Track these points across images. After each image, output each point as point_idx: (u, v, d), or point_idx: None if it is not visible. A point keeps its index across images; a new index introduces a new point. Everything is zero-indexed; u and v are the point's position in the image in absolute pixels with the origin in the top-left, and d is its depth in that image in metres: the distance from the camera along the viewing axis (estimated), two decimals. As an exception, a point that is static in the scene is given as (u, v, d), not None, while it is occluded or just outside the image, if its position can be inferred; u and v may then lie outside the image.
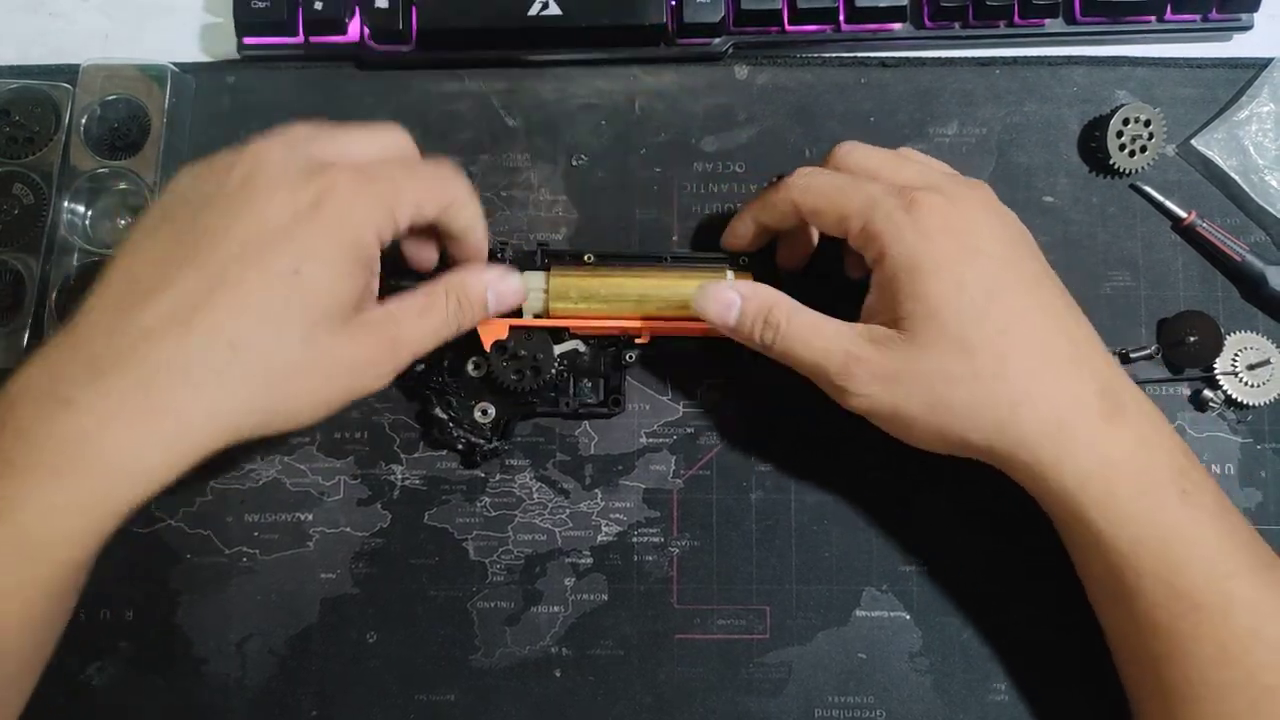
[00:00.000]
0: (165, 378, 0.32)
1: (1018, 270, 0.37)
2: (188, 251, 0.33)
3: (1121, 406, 0.36)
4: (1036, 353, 0.36)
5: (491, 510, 0.45)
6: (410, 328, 0.38)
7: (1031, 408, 0.36)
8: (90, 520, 0.32)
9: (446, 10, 0.47)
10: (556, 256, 0.45)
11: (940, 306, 0.36)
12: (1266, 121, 0.47)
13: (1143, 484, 0.35)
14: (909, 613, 0.44)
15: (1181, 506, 0.35)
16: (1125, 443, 0.35)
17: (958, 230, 0.36)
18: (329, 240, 0.34)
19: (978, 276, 0.36)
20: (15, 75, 0.48)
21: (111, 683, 0.44)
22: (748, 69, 0.48)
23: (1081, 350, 0.37)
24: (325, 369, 0.35)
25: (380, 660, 0.44)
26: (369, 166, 0.36)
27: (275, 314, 0.33)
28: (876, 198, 0.37)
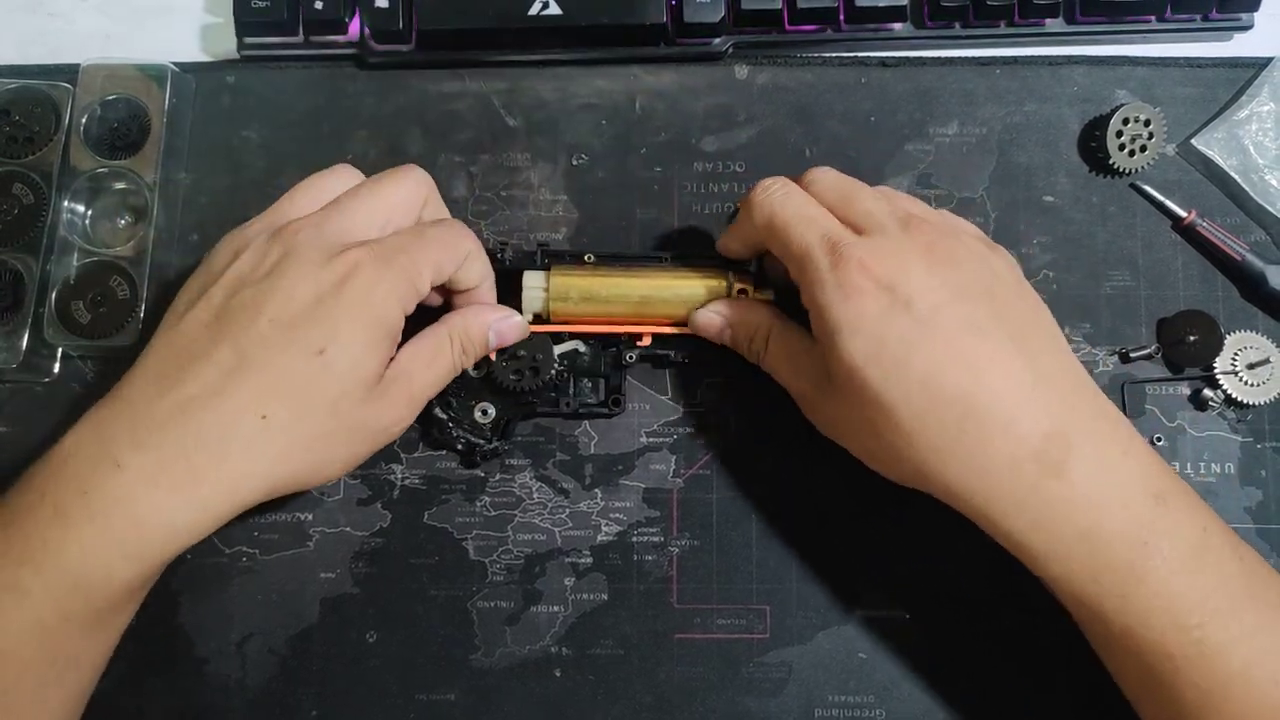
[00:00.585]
0: (201, 446, 0.34)
1: (950, 316, 0.35)
2: (224, 327, 0.36)
3: (1063, 461, 0.34)
4: (960, 404, 0.34)
5: (491, 510, 0.45)
6: (422, 378, 0.40)
7: (957, 463, 0.35)
8: (132, 569, 0.35)
9: (447, 10, 0.47)
10: (557, 257, 0.45)
11: (860, 365, 0.35)
12: (1266, 121, 0.47)
13: (1095, 542, 0.34)
14: (909, 612, 0.44)
15: (1140, 559, 0.33)
16: (1070, 499, 0.34)
17: (883, 285, 0.35)
18: (352, 320, 0.36)
19: (900, 333, 0.35)
20: (15, 75, 0.48)
21: (112, 683, 0.43)
22: (748, 69, 0.48)
23: (1021, 395, 0.35)
24: (351, 433, 0.37)
25: (380, 660, 0.44)
26: (388, 242, 0.38)
27: (300, 391, 0.36)
28: (810, 248, 0.37)
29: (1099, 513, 0.34)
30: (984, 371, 0.35)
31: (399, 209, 0.40)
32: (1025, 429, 0.34)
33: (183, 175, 0.48)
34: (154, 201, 0.46)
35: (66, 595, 0.34)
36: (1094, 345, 0.46)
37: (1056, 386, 0.35)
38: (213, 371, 0.35)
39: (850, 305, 0.36)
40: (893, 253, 0.36)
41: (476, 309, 0.42)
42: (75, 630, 0.35)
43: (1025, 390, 0.35)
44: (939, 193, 0.47)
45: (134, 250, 0.46)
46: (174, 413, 0.35)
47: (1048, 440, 0.34)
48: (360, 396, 0.37)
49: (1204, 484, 0.45)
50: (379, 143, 0.48)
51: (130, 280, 0.46)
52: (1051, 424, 0.34)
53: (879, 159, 0.47)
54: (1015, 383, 0.35)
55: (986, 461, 0.34)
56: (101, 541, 0.34)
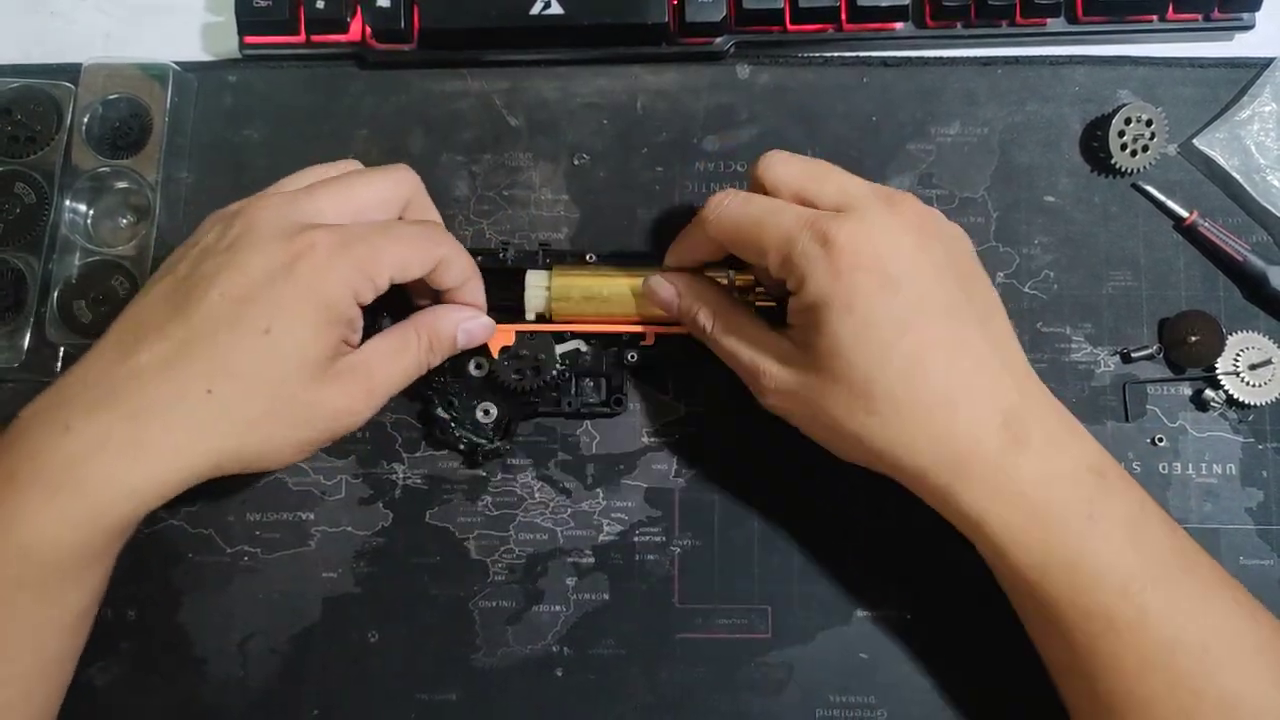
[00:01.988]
0: (149, 415, 0.35)
1: (935, 297, 0.36)
2: (181, 300, 0.36)
3: (1025, 435, 0.35)
4: (939, 387, 0.35)
5: (493, 509, 0.45)
6: (384, 372, 0.39)
7: (928, 443, 0.36)
8: (80, 534, 0.34)
9: (448, 9, 0.47)
10: (559, 256, 0.45)
11: (848, 345, 0.36)
12: (1268, 121, 0.47)
13: (1046, 515, 0.35)
14: (910, 612, 0.44)
15: (1087, 530, 0.35)
16: (1026, 473, 0.35)
17: (872, 263, 0.35)
18: (299, 301, 0.36)
19: (889, 313, 0.35)
20: (17, 74, 0.48)
21: (113, 683, 0.44)
22: (749, 68, 0.48)
23: (988, 377, 0.36)
24: (298, 416, 0.37)
25: (382, 659, 0.44)
26: (350, 229, 0.38)
27: (244, 370, 0.36)
28: (792, 233, 0.37)
29: (1052, 486, 0.35)
30: (961, 355, 0.36)
31: (374, 203, 0.39)
32: (990, 408, 0.36)
33: (184, 174, 0.48)
34: (156, 201, 0.46)
35: (15, 560, 0.34)
36: (1095, 345, 0.46)
37: (1014, 368, 0.37)
38: (165, 343, 0.35)
39: (842, 283, 0.35)
40: (882, 230, 0.36)
41: (446, 308, 0.42)
42: (29, 599, 0.35)
43: (993, 371, 0.36)
44: (940, 192, 0.47)
45: (136, 249, 0.46)
46: (126, 380, 0.35)
47: (1009, 417, 0.35)
48: (306, 379, 0.37)
49: (1205, 484, 0.45)
50: (380, 142, 0.48)
51: (132, 279, 0.46)
52: (1012, 402, 0.36)
53: (880, 159, 0.47)
54: (985, 365, 0.36)
55: (954, 440, 0.36)
56: (48, 505, 0.34)
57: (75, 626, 0.37)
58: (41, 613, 0.35)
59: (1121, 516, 0.35)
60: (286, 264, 0.36)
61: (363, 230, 0.38)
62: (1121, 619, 0.34)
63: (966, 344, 0.36)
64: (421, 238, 0.39)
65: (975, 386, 0.36)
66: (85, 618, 0.38)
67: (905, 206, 0.37)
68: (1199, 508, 0.44)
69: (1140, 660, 0.34)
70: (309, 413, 0.37)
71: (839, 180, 0.38)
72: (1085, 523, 0.35)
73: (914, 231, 0.37)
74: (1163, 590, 0.35)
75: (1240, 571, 0.44)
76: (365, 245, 0.37)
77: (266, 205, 0.38)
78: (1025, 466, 0.35)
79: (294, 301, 0.36)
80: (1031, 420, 0.36)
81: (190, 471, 0.36)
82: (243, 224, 0.37)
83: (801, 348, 0.38)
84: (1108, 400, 0.45)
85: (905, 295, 0.35)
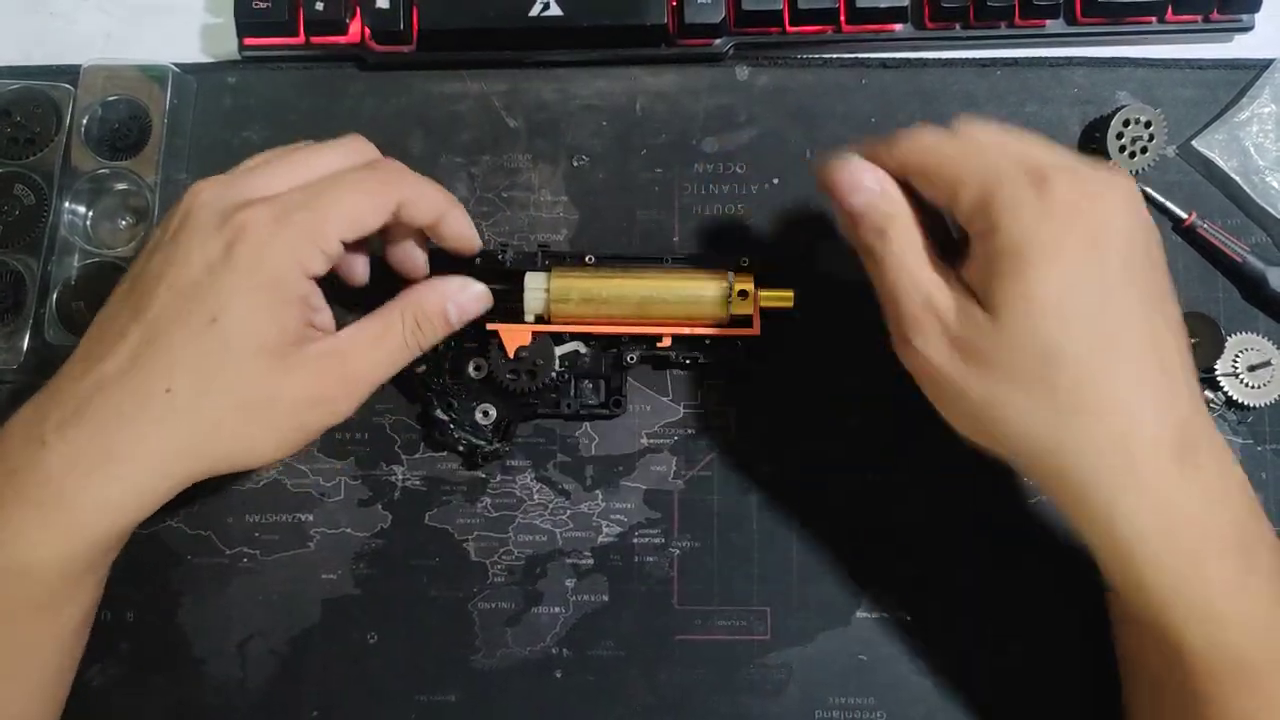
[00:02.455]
0: (116, 425, 0.34)
1: (1139, 282, 0.32)
2: (136, 300, 0.35)
3: (1194, 449, 0.32)
4: (1128, 374, 0.31)
5: (492, 511, 0.45)
6: (363, 358, 0.37)
7: (1100, 431, 0.31)
8: (65, 548, 0.34)
9: (447, 11, 0.47)
10: (558, 258, 0.45)
11: (1043, 303, 0.31)
12: (1267, 122, 0.47)
13: (1203, 548, 0.31)
14: (910, 613, 0.44)
15: (1243, 571, 0.31)
16: (1192, 494, 0.31)
17: (1088, 222, 0.31)
18: (242, 285, 0.34)
19: (1097, 280, 0.31)
20: (16, 76, 0.48)
21: (112, 684, 0.44)
22: (749, 70, 0.48)
23: (1171, 382, 0.32)
24: (263, 409, 0.35)
25: (381, 661, 0.44)
26: (286, 197, 0.35)
27: (196, 364, 0.34)
28: (1002, 168, 0.32)
29: (1215, 518, 0.32)
30: (1153, 350, 0.32)
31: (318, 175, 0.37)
32: (1171, 417, 0.32)
33: (184, 176, 0.48)
34: (155, 202, 0.46)
35: (2, 579, 0.33)
36: (1094, 347, 0.46)
37: (1188, 376, 0.33)
38: (125, 347, 0.35)
39: (1052, 231, 0.31)
40: (1103, 191, 0.32)
41: (432, 283, 0.40)
42: (22, 616, 0.34)
43: (1175, 373, 0.32)
44: (940, 194, 0.47)
45: (135, 251, 0.46)
46: (93, 392, 0.34)
47: (1185, 433, 0.32)
48: (263, 367, 0.35)
49: (1204, 485, 0.45)
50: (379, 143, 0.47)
51: (131, 281, 0.46)
52: (1187, 416, 0.32)
53: (880, 160, 0.47)
54: (1171, 368, 0.32)
55: (1129, 442, 0.31)
56: (31, 522, 0.33)
57: (71, 639, 0.37)
58: (36, 629, 0.35)
59: (1273, 567, 0.32)
60: (224, 249, 0.34)
61: (300, 195, 0.35)
62: (1266, 676, 0.31)
63: (1160, 340, 0.32)
64: (370, 180, 0.37)
65: (1159, 389, 0.32)
66: (81, 629, 0.38)
67: (1126, 185, 0.33)
68: (1198, 509, 0.44)
69: (1267, 701, 0.31)
70: (274, 404, 0.35)
71: (1052, 147, 0.34)
72: (1241, 562, 0.31)
73: (1132, 210, 0.33)
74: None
75: (1239, 573, 0.44)
76: (304, 211, 0.35)
77: (204, 189, 0.36)
78: (1192, 484, 0.31)
79: (236, 287, 0.34)
80: (1203, 442, 0.32)
81: (168, 478, 0.35)
82: (181, 213, 0.36)
83: (982, 301, 0.33)
84: (1107, 401, 0.45)
85: (1117, 266, 0.31)
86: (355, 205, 0.36)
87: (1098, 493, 0.32)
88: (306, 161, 0.37)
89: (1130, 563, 0.32)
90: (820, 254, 0.46)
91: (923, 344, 0.34)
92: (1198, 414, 0.33)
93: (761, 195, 0.47)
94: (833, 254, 0.47)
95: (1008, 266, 0.32)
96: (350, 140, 0.39)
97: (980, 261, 0.33)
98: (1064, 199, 0.31)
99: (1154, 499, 0.31)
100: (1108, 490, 0.31)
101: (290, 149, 0.39)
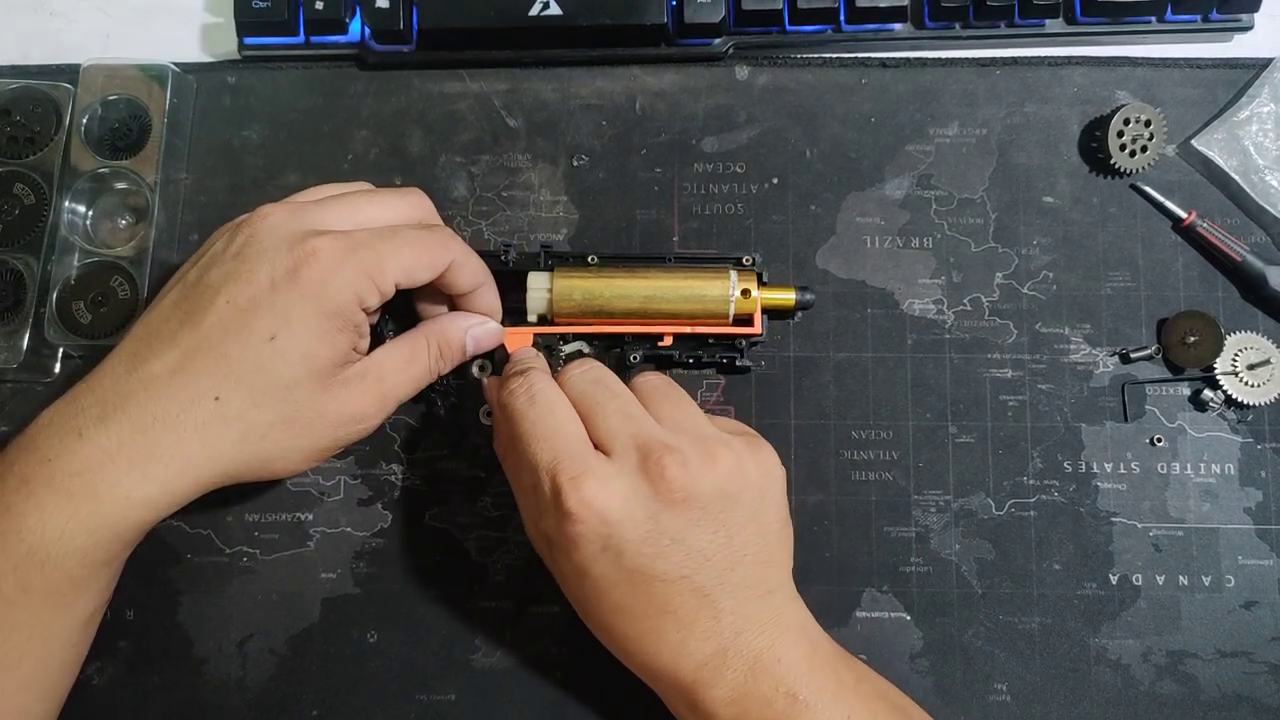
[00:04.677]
0: (159, 425, 0.35)
1: (654, 566, 0.36)
2: (190, 309, 0.37)
3: (720, 673, 0.36)
4: (640, 632, 0.37)
5: (492, 510, 0.45)
6: (395, 378, 0.40)
7: (632, 665, 0.38)
8: (89, 539, 0.35)
9: (447, 10, 0.47)
10: (560, 258, 0.45)
11: (565, 578, 0.38)
12: (1267, 122, 0.47)
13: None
14: (909, 613, 0.44)
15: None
16: (718, 701, 0.36)
17: (594, 532, 0.35)
18: (304, 308, 0.36)
19: (602, 572, 0.36)
20: (16, 75, 0.48)
21: (112, 683, 0.44)
22: (748, 69, 0.49)
23: (692, 629, 0.36)
24: (307, 424, 0.37)
25: (381, 660, 0.44)
26: (354, 235, 0.38)
27: (250, 377, 0.36)
28: (539, 472, 0.36)
29: (738, 710, 0.36)
30: (672, 610, 0.36)
31: (381, 220, 0.40)
32: (690, 652, 0.36)
33: (183, 175, 0.48)
34: (155, 201, 0.46)
35: (23, 563, 0.34)
36: (1094, 346, 0.46)
37: (740, 609, 0.37)
38: (174, 351, 0.36)
39: (564, 539, 0.36)
40: (619, 494, 0.35)
41: (454, 316, 0.42)
42: (35, 604, 0.35)
43: (705, 621, 0.36)
44: (939, 193, 0.47)
45: (135, 250, 0.46)
46: (137, 390, 0.36)
47: (707, 660, 0.36)
48: (313, 386, 0.37)
49: (1204, 485, 0.45)
50: (379, 143, 0.48)
51: (131, 280, 0.46)
52: (716, 645, 0.36)
53: (879, 160, 0.47)
54: (698, 616, 0.36)
55: (656, 669, 0.37)
56: (60, 509, 0.34)
57: (83, 630, 0.38)
58: (51, 616, 0.36)
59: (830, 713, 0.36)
60: (290, 271, 0.36)
61: (367, 236, 0.38)
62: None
63: (675, 603, 0.36)
64: (429, 241, 0.39)
65: (677, 634, 0.36)
66: (92, 622, 0.38)
67: (659, 471, 0.36)
68: (1198, 508, 0.45)
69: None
70: (318, 420, 0.38)
71: (609, 420, 0.37)
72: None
73: (657, 499, 0.36)
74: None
75: (1239, 571, 0.44)
76: (369, 250, 0.37)
77: (272, 213, 0.38)
78: (717, 694, 0.36)
79: (298, 309, 0.36)
80: (734, 657, 0.36)
81: (201, 480, 0.36)
82: (248, 231, 0.38)
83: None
84: (1106, 401, 0.45)
85: (620, 561, 0.36)
86: (414, 259, 0.39)
87: (671, 709, 0.38)
88: (371, 207, 0.40)
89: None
90: (820, 254, 0.47)
91: (529, 534, 0.40)
92: (737, 638, 0.36)
93: (761, 195, 0.47)
94: (833, 253, 0.47)
95: (545, 539, 0.38)
96: (411, 194, 0.42)
97: (539, 522, 0.38)
98: (574, 515, 0.35)
99: (686, 710, 0.37)
100: (677, 710, 0.38)
101: (352, 189, 0.42)
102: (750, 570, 0.37)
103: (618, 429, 0.37)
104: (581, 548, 0.36)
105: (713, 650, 0.36)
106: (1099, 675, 0.43)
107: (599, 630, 0.38)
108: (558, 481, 0.36)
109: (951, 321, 0.46)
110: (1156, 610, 0.44)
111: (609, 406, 0.38)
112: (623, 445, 0.37)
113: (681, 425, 0.38)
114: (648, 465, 0.36)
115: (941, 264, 0.46)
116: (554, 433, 0.37)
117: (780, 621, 0.37)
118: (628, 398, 0.38)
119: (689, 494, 0.36)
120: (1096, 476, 0.45)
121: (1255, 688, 0.43)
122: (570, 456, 0.36)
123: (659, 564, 0.36)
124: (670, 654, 0.36)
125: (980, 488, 0.45)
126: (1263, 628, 0.43)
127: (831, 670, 0.37)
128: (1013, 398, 0.45)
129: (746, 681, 0.36)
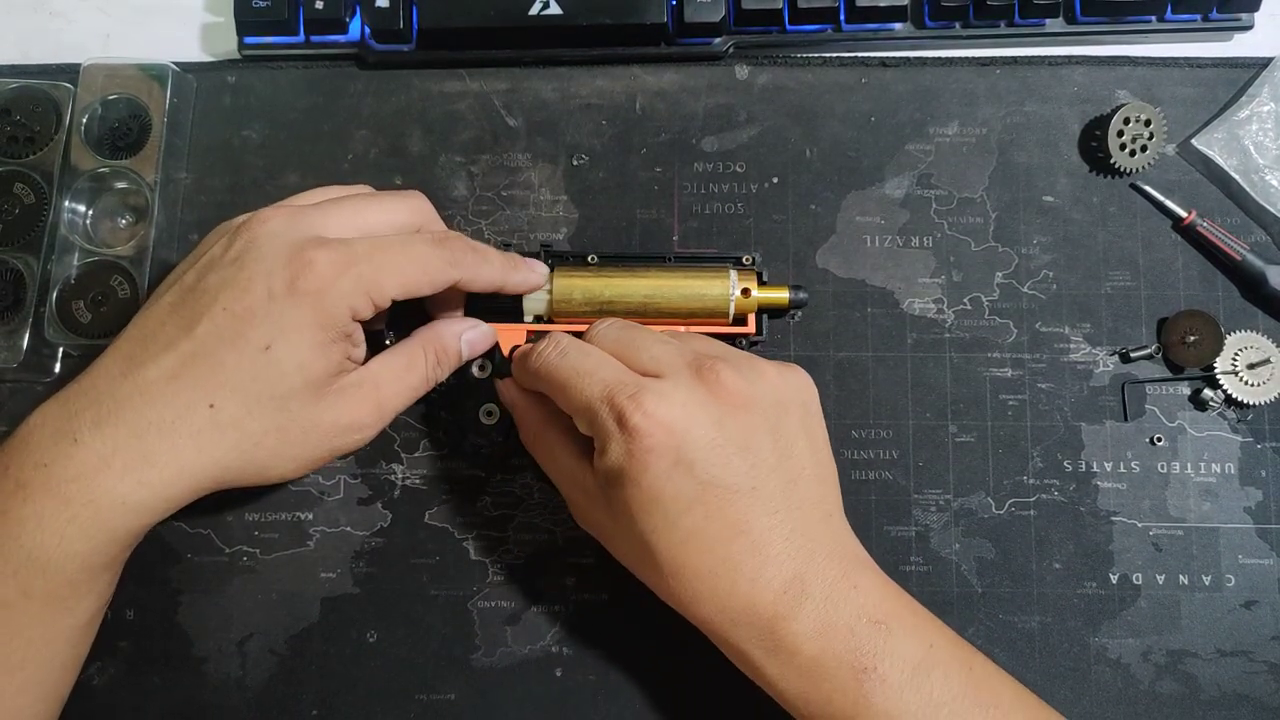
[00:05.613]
0: (154, 431, 0.35)
1: (724, 476, 0.36)
2: (187, 314, 0.37)
3: (800, 598, 0.35)
4: (717, 559, 0.36)
5: (493, 510, 0.45)
6: (393, 388, 0.40)
7: (708, 605, 0.36)
8: (88, 544, 0.35)
9: (447, 9, 0.47)
10: (560, 258, 0.45)
11: (634, 515, 0.36)
12: (1267, 121, 0.47)
13: (818, 670, 0.35)
14: (909, 612, 0.44)
15: (861, 681, 0.35)
16: (799, 631, 0.35)
17: (665, 443, 0.35)
18: (299, 319, 0.36)
19: (676, 490, 0.35)
20: (16, 75, 0.48)
21: (112, 683, 0.44)
22: (748, 69, 0.49)
23: (771, 551, 0.36)
24: (302, 433, 0.37)
25: (381, 660, 0.44)
26: (354, 246, 0.37)
27: (245, 386, 0.36)
28: (593, 404, 0.36)
29: (824, 642, 0.35)
30: (746, 529, 0.36)
31: (382, 227, 0.40)
32: (768, 579, 0.35)
33: (183, 175, 0.48)
34: (155, 201, 0.46)
35: (23, 568, 0.34)
36: (1094, 345, 0.46)
37: (808, 531, 0.36)
38: (171, 357, 0.36)
39: (634, 462, 0.35)
40: (681, 403, 0.36)
41: (448, 321, 0.43)
42: (35, 608, 0.35)
43: (779, 542, 0.36)
44: (939, 193, 0.47)
45: (135, 250, 0.46)
46: (133, 394, 0.36)
47: (789, 583, 0.35)
48: (308, 396, 0.37)
49: (1204, 484, 0.45)
50: (379, 143, 0.48)
51: (131, 280, 0.46)
52: (793, 571, 0.36)
53: (879, 159, 0.47)
54: (771, 536, 0.36)
55: (731, 607, 0.36)
56: (58, 515, 0.34)
57: (81, 634, 0.38)
58: (50, 620, 0.36)
59: (902, 663, 0.35)
60: (288, 282, 0.36)
61: (367, 248, 0.38)
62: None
63: (755, 518, 0.36)
64: (435, 259, 0.39)
65: (757, 560, 0.36)
66: (92, 624, 0.38)
67: (715, 377, 0.37)
68: (1198, 507, 0.45)
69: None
70: (313, 429, 0.38)
71: (653, 349, 0.38)
72: (858, 675, 0.35)
73: (717, 405, 0.36)
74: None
75: (1239, 571, 0.44)
76: (368, 264, 0.37)
77: (271, 219, 0.38)
78: (798, 626, 0.35)
79: (294, 320, 0.36)
80: (812, 582, 0.36)
81: (196, 485, 0.36)
82: (247, 237, 0.38)
83: (603, 492, 0.38)
84: (1106, 400, 0.45)
85: (695, 477, 0.35)
86: (416, 276, 0.38)
87: (728, 643, 0.37)
88: (371, 211, 0.40)
89: (774, 688, 0.36)
90: (820, 253, 0.47)
91: (580, 517, 0.41)
92: (811, 562, 0.36)
93: (761, 194, 0.47)
94: (833, 253, 0.47)
95: (609, 483, 0.37)
96: (412, 197, 0.42)
97: (598, 470, 0.38)
98: (640, 431, 0.35)
99: (765, 642, 0.36)
100: (732, 641, 0.36)
101: (352, 192, 0.42)
102: (810, 489, 0.37)
103: (661, 353, 0.38)
104: (652, 466, 0.35)
105: (791, 574, 0.35)
106: (1099, 674, 0.43)
107: (668, 574, 0.36)
108: (617, 403, 0.36)
109: (951, 321, 0.46)
110: (1156, 609, 0.44)
111: (645, 339, 0.39)
112: (670, 364, 0.37)
113: (715, 347, 0.40)
114: (703, 374, 0.37)
115: (941, 263, 0.46)
116: (598, 368, 0.37)
117: (845, 548, 0.37)
118: (659, 333, 0.40)
119: (747, 398, 0.37)
120: (1096, 476, 0.45)
121: (1255, 687, 0.43)
122: (622, 381, 0.36)
123: (728, 474, 0.36)
124: (747, 584, 0.35)
125: (980, 487, 0.45)
126: (1263, 627, 0.44)
127: (904, 597, 0.37)
128: (1013, 397, 0.45)
129: (827, 610, 0.35)
